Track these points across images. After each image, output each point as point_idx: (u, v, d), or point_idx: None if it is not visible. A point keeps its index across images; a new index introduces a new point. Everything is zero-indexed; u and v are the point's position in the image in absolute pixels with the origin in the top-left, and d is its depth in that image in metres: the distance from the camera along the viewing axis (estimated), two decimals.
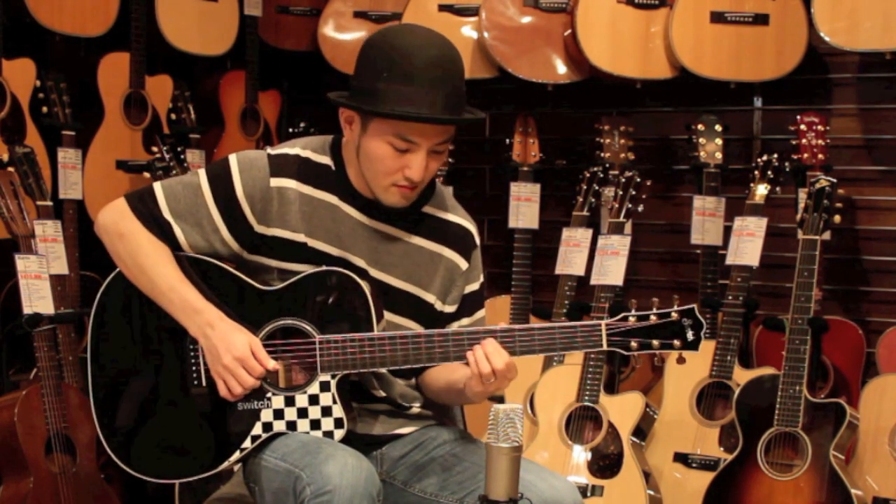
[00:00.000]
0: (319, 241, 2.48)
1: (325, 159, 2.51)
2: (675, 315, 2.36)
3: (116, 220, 2.49)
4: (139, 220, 2.47)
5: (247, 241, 2.49)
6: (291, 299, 2.45)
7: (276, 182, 2.47)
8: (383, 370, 2.49)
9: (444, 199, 2.61)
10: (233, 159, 2.48)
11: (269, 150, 2.51)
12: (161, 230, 2.47)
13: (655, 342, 2.36)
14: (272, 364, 2.41)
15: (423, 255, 2.55)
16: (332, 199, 2.49)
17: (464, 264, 2.59)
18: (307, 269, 2.46)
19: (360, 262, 2.49)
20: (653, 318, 2.36)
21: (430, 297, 2.56)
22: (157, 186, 2.50)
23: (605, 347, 2.36)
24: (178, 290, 2.44)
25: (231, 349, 2.38)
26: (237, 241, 2.48)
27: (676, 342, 2.35)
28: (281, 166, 2.48)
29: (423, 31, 2.44)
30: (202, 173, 2.49)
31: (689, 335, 2.36)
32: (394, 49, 2.37)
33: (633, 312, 2.37)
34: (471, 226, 2.63)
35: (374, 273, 2.50)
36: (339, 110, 2.47)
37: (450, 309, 2.59)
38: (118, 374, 2.50)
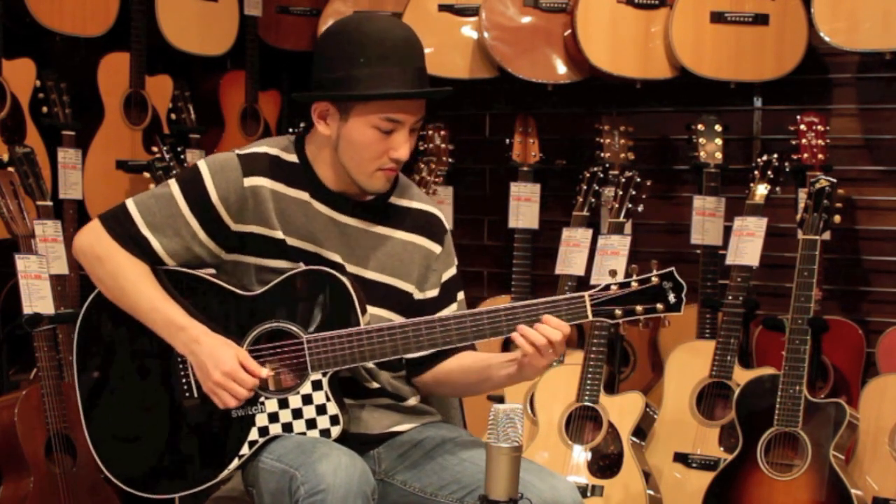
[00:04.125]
0: (295, 238, 2.49)
1: (293, 157, 2.53)
2: (655, 279, 2.38)
3: (93, 243, 2.50)
4: (116, 241, 2.47)
5: (225, 241, 2.49)
6: (274, 302, 2.45)
7: (249, 182, 2.47)
8: (372, 363, 2.49)
9: (408, 189, 2.63)
10: (202, 165, 2.49)
11: (238, 151, 2.51)
12: (139, 247, 2.47)
13: (639, 307, 2.37)
14: (264, 372, 2.41)
15: (395, 245, 2.56)
16: (304, 195, 2.50)
17: (437, 249, 2.61)
18: (285, 265, 2.47)
19: (336, 258, 2.50)
20: (634, 284, 2.38)
21: (407, 287, 2.57)
22: (130, 203, 2.50)
23: (590, 318, 2.37)
24: (160, 308, 2.44)
25: (219, 364, 2.38)
26: (216, 243, 2.49)
27: (659, 306, 2.37)
28: (253, 165, 2.48)
29: (381, 15, 2.51)
30: (173, 183, 2.50)
31: (672, 298, 2.38)
32: (362, 35, 2.40)
33: (614, 280, 2.38)
34: (438, 212, 2.65)
35: (349, 268, 2.51)
36: (312, 107, 2.48)
37: (431, 294, 2.60)
38: (108, 391, 2.51)
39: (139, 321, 2.46)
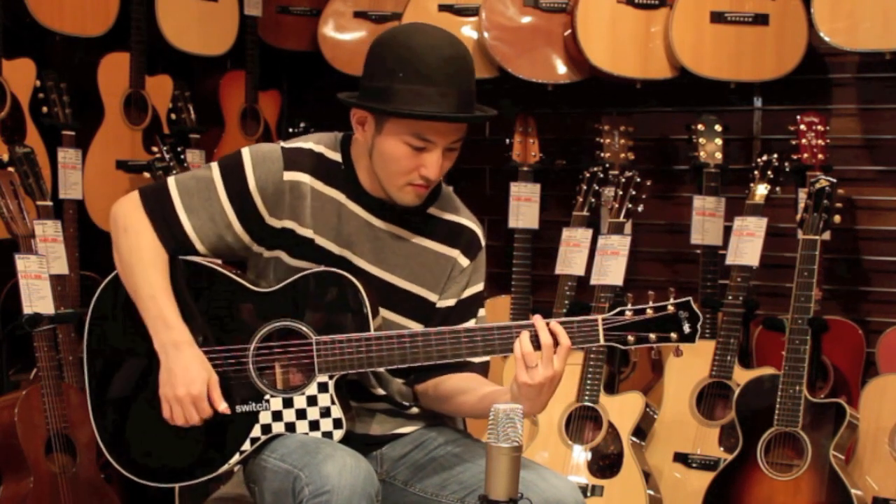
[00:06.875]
0: (324, 239, 2.48)
1: (337, 156, 2.52)
2: (671, 308, 2.35)
3: (126, 214, 2.49)
4: (148, 219, 2.47)
5: (258, 233, 2.49)
6: (287, 300, 2.45)
7: (289, 175, 2.47)
8: (381, 370, 2.49)
9: (450, 201, 2.61)
10: (246, 153, 2.48)
11: (283, 144, 2.51)
12: (170, 229, 2.46)
13: (652, 336, 2.35)
14: (223, 406, 2.40)
15: (428, 255, 2.55)
16: (340, 196, 2.49)
17: (465, 262, 2.59)
18: (309, 264, 2.47)
19: (362, 262, 2.49)
20: (649, 311, 2.35)
21: (433, 297, 2.56)
22: (171, 182, 2.49)
23: (602, 342, 2.35)
24: (158, 299, 2.43)
25: (189, 385, 2.38)
26: (249, 234, 2.48)
27: (673, 335, 2.35)
28: (295, 160, 2.48)
29: (435, 30, 2.44)
30: (215, 167, 2.49)
31: (686, 328, 2.35)
32: (407, 49, 2.37)
33: (629, 307, 2.36)
34: (477, 228, 2.63)
35: (377, 272, 2.50)
36: (352, 111, 2.46)
37: (448, 303, 2.57)
38: (114, 379, 2.50)
39: (135, 306, 2.44)
